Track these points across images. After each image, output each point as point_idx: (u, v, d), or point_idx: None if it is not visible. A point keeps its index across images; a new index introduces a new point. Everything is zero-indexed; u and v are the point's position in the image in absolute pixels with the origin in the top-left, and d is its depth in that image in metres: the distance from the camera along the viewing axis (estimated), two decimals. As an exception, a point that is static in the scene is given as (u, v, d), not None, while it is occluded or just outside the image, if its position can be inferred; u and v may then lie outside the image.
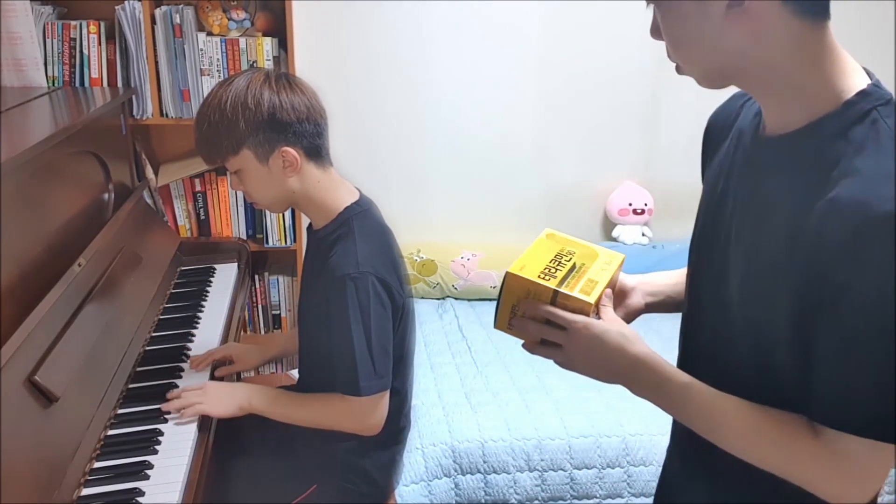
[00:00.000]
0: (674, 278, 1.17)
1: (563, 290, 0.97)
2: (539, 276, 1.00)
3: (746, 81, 0.89)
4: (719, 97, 1.40)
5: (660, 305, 1.15)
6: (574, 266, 1.04)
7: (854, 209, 0.76)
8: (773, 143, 0.87)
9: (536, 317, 0.99)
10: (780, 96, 0.86)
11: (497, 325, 1.06)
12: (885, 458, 0.80)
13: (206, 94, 1.38)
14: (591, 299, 0.96)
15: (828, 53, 0.85)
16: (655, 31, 0.90)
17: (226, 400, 1.44)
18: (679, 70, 0.92)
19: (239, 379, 2.48)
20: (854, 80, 0.84)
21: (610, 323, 0.96)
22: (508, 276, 1.00)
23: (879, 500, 2.25)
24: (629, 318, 1.13)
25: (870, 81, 0.85)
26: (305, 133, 1.34)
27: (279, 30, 2.31)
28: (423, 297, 2.88)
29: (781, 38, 0.82)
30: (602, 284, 1.00)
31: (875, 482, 0.83)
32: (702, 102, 1.28)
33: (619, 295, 1.12)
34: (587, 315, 0.95)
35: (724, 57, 0.85)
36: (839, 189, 0.77)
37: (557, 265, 1.04)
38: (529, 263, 1.03)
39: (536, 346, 1.02)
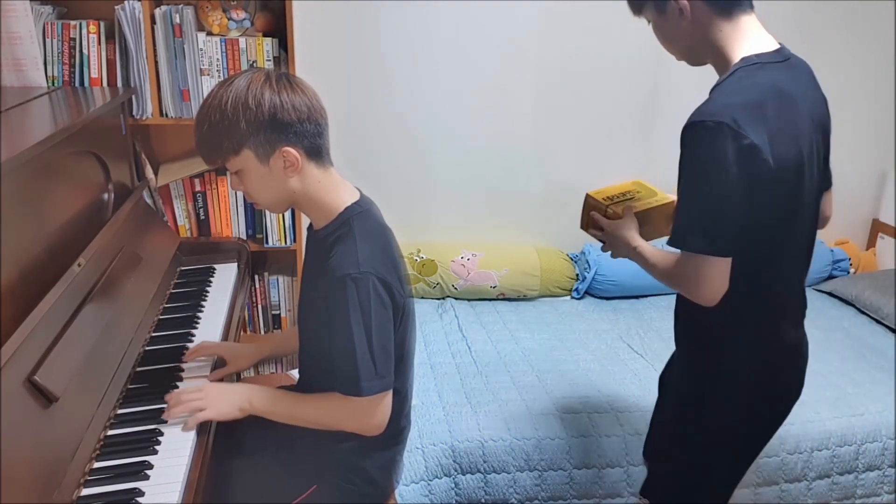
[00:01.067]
0: None
1: (609, 205, 1.58)
2: (603, 199, 1.60)
3: (707, 60, 1.38)
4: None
5: None
6: (632, 197, 1.61)
7: (688, 120, 1.26)
8: None
9: (593, 216, 1.59)
10: (721, 64, 1.35)
11: (581, 227, 1.66)
12: (684, 262, 1.32)
13: (206, 94, 1.38)
14: (620, 211, 1.55)
15: (743, 36, 1.32)
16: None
17: (226, 401, 1.43)
18: (677, 58, 1.43)
19: (239, 379, 2.48)
20: (748, 51, 1.31)
21: (623, 223, 1.51)
22: (587, 196, 1.63)
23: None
24: None
25: (759, 50, 1.31)
26: (306, 133, 1.34)
27: (279, 30, 2.31)
28: (423, 297, 2.88)
29: (708, 29, 1.32)
30: (638, 207, 1.57)
31: (693, 283, 1.31)
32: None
33: None
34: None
35: (688, 44, 1.36)
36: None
37: (622, 195, 1.62)
38: (605, 191, 1.64)
39: (601, 243, 1.58)
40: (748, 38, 1.32)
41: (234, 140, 1.32)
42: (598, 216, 1.58)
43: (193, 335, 1.75)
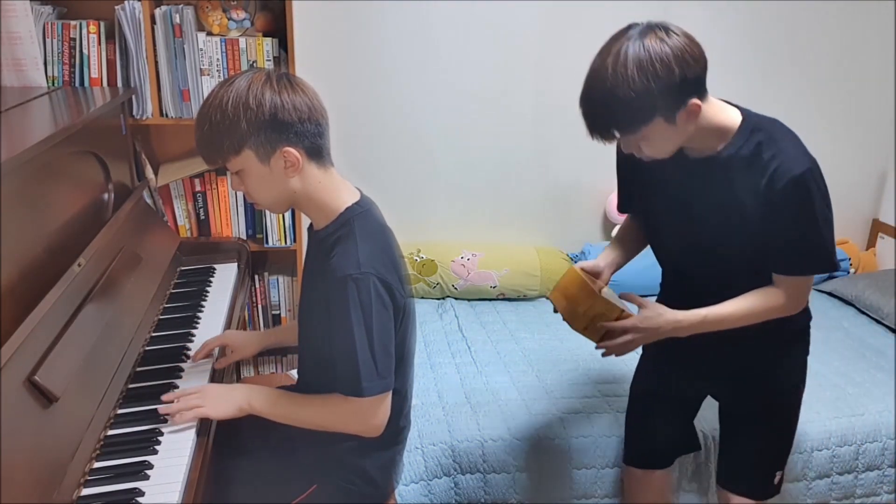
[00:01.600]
0: (614, 256, 1.79)
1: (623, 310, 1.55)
2: (607, 305, 1.54)
3: (690, 141, 1.44)
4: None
5: (615, 271, 1.78)
6: (598, 285, 1.62)
7: (786, 173, 1.38)
8: (707, 160, 1.47)
9: (612, 326, 1.55)
10: (706, 138, 1.44)
11: (574, 327, 1.58)
12: (805, 284, 1.51)
13: (206, 94, 1.38)
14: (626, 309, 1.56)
15: (719, 108, 1.45)
16: (629, 148, 1.46)
17: (225, 401, 1.43)
18: (645, 158, 1.45)
19: (238, 377, 2.48)
20: (735, 117, 1.45)
21: (654, 310, 1.54)
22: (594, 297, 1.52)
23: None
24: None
25: (740, 113, 1.46)
26: (307, 133, 1.34)
27: (279, 30, 2.31)
28: (423, 297, 2.88)
29: (700, 116, 1.38)
30: (613, 294, 1.66)
31: (804, 298, 1.54)
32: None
33: (596, 275, 1.71)
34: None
35: (684, 138, 1.42)
36: (774, 165, 1.39)
37: (595, 285, 1.57)
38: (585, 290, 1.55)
39: (612, 351, 1.59)
40: (720, 104, 1.46)
41: (235, 140, 1.32)
42: (624, 324, 1.53)
43: (193, 335, 1.75)
